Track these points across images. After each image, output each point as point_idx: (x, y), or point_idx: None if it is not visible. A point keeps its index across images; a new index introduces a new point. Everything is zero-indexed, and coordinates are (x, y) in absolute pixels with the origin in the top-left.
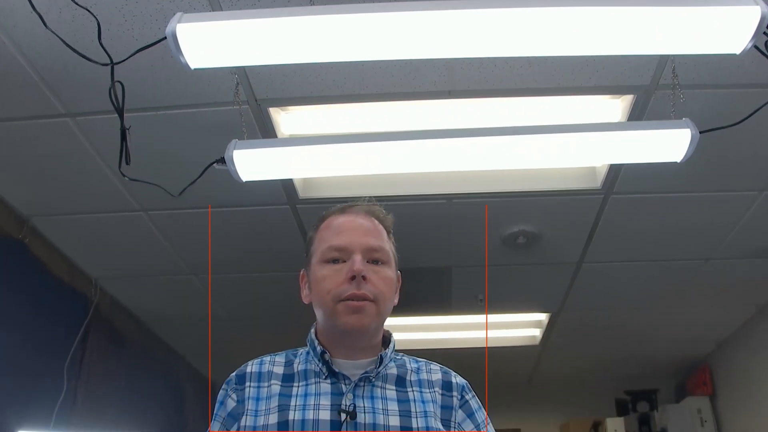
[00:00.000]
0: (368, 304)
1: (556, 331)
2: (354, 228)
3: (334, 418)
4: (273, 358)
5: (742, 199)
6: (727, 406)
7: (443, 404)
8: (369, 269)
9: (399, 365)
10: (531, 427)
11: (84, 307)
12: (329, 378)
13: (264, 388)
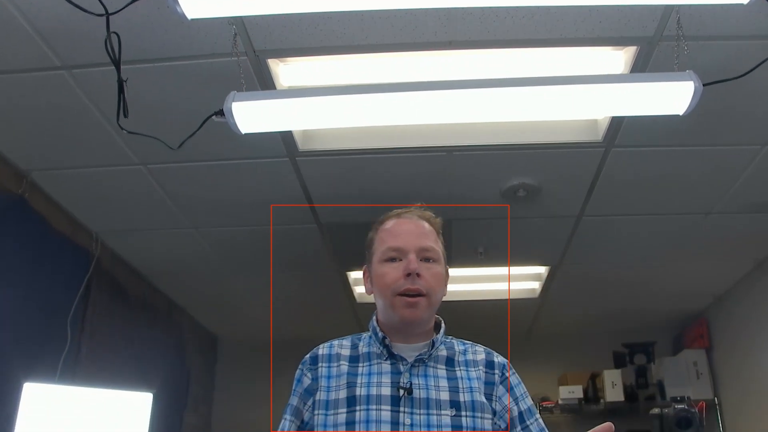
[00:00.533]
0: (421, 299)
1: (555, 284)
2: (409, 231)
3: (394, 394)
4: (340, 341)
5: (744, 153)
6: (723, 359)
7: (486, 381)
8: (422, 267)
9: (448, 347)
10: (529, 378)
11: (85, 262)
12: (389, 359)
13: (334, 368)
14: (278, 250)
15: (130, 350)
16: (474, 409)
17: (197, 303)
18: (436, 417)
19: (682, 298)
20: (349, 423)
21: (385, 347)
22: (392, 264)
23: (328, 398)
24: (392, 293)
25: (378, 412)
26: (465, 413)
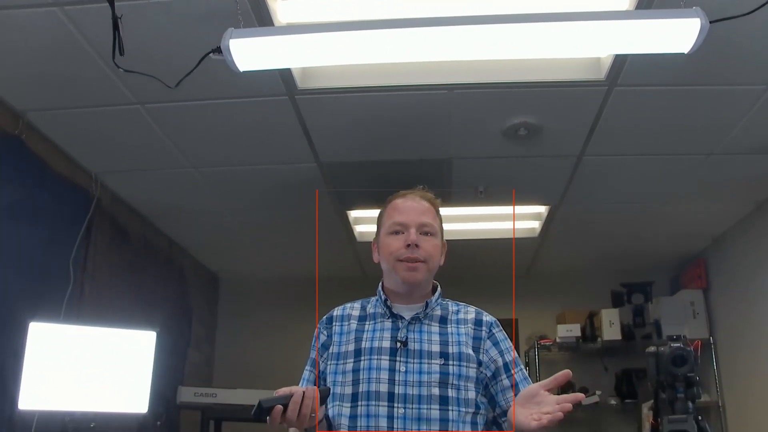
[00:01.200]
0: (420, 264)
1: (555, 223)
2: (411, 208)
3: (392, 346)
4: (353, 304)
5: (748, 93)
6: (720, 299)
7: (474, 336)
8: (421, 239)
9: (443, 308)
10: (528, 316)
11: (85, 202)
12: (390, 318)
13: (345, 326)
14: (278, 190)
15: (132, 290)
16: (460, 359)
17: (198, 242)
18: (427, 365)
19: (681, 238)
20: (355, 370)
21: (387, 308)
22: (396, 236)
23: (339, 351)
24: (394, 259)
25: (378, 361)
26: (452, 362)
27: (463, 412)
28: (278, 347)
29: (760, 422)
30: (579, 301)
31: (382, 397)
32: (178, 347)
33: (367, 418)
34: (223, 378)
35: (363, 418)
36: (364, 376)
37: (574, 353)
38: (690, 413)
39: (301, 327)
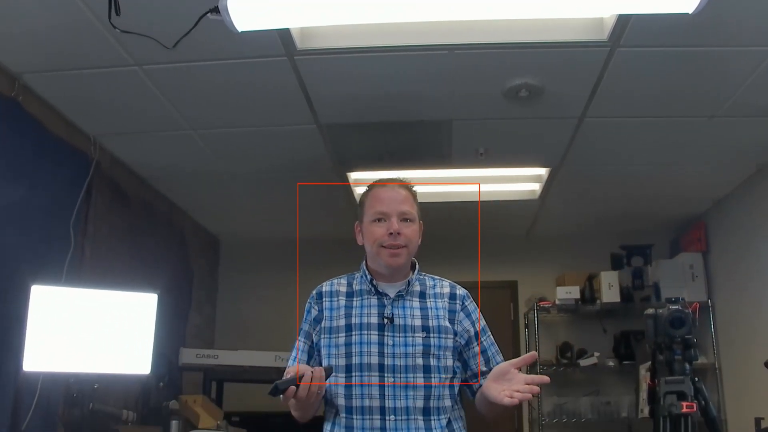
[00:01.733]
0: (402, 250)
1: (555, 185)
2: (392, 198)
3: (380, 322)
4: (339, 280)
5: (752, 54)
6: (719, 262)
7: (449, 309)
8: (402, 226)
9: (421, 283)
10: (527, 279)
11: (85, 165)
12: (376, 295)
13: (335, 302)
14: (278, 151)
15: (133, 252)
16: (440, 332)
17: (198, 205)
18: (411, 338)
19: (682, 201)
20: (347, 344)
21: (373, 286)
22: (379, 224)
23: (331, 325)
24: (378, 245)
25: (368, 336)
26: (433, 335)
27: (444, 377)
28: (278, 309)
29: (755, 384)
30: (578, 263)
31: (373, 368)
32: (180, 309)
33: (361, 387)
34: (225, 340)
35: (357, 387)
36: (356, 350)
37: (573, 315)
38: (687, 374)
39: (302, 288)
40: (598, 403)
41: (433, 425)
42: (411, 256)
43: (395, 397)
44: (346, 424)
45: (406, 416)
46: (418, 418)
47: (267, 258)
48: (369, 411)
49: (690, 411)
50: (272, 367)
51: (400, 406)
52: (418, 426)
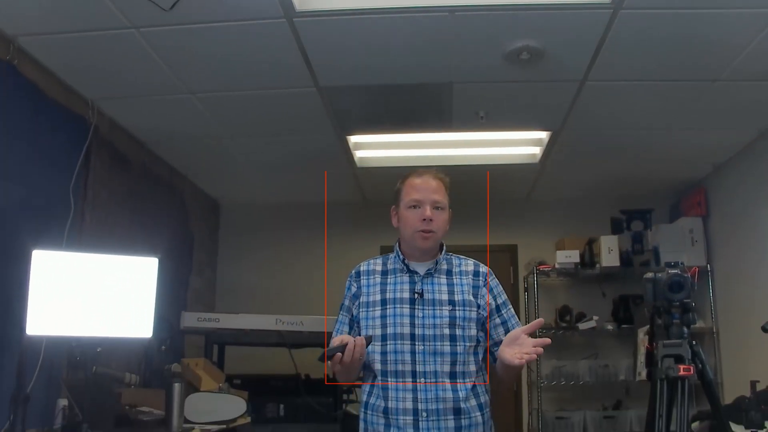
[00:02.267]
0: (433, 234)
1: (556, 149)
2: (426, 188)
3: (411, 296)
4: (375, 260)
5: (756, 17)
6: (719, 227)
7: (473, 285)
8: (434, 214)
9: (448, 262)
10: (527, 243)
11: (83, 129)
12: (407, 273)
13: (371, 279)
14: (277, 115)
15: (133, 217)
16: (464, 305)
17: (198, 169)
18: (439, 311)
19: (682, 165)
20: (382, 317)
21: (405, 265)
22: (414, 210)
23: (368, 300)
24: (413, 230)
25: (401, 309)
26: (458, 308)
27: (468, 345)
28: (279, 272)
29: (752, 347)
30: (578, 227)
31: (405, 337)
32: (180, 273)
33: (395, 354)
34: (226, 303)
35: (391, 354)
36: (390, 321)
37: (572, 279)
38: (684, 338)
39: (301, 251)
40: (596, 366)
41: (459, 387)
42: (439, 240)
43: (425, 363)
44: (383, 386)
45: (435, 379)
46: (445, 381)
47: (266, 222)
48: (402, 374)
49: (687, 374)
50: (273, 330)
51: (430, 370)
52: (446, 388)
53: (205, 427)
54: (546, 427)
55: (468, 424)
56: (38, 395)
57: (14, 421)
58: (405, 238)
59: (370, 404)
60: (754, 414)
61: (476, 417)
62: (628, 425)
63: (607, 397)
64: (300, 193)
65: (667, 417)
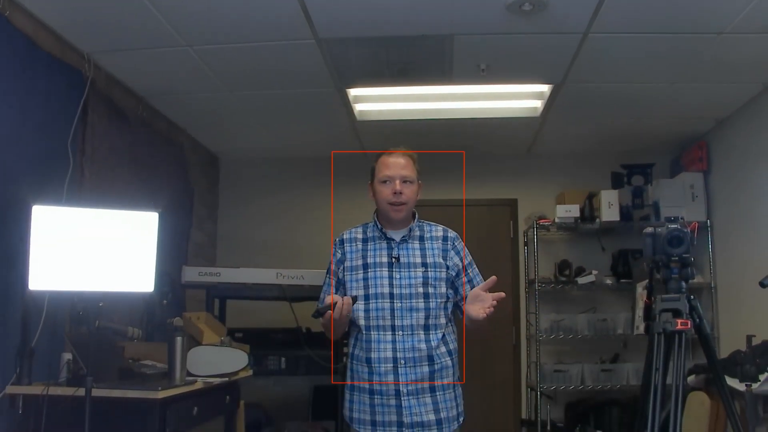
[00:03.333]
0: (403, 206)
1: (557, 102)
2: (396, 164)
3: (389, 261)
4: (356, 229)
5: None
6: (720, 182)
7: (442, 248)
8: (403, 187)
9: (420, 229)
10: (527, 197)
11: (79, 83)
12: (385, 240)
13: (354, 246)
14: (276, 67)
15: (132, 171)
16: (435, 267)
17: (197, 123)
18: (414, 272)
19: (685, 120)
20: (365, 279)
21: (383, 233)
22: (385, 185)
23: (352, 264)
24: (386, 202)
25: (381, 272)
26: (430, 269)
27: (439, 302)
28: (279, 226)
29: (748, 302)
30: (579, 181)
31: (385, 296)
32: (181, 228)
33: (377, 311)
34: (226, 257)
35: (374, 311)
36: (371, 283)
37: (572, 233)
38: (683, 293)
39: (301, 205)
40: (594, 319)
41: (431, 337)
42: (410, 210)
43: (402, 318)
44: (366, 338)
45: (411, 331)
46: (419, 333)
47: (266, 175)
48: (383, 328)
49: (684, 328)
50: (274, 284)
51: (406, 323)
52: (420, 338)
53: (207, 379)
54: (544, 379)
55: (440, 368)
56: (42, 349)
57: (20, 374)
58: (380, 209)
59: (356, 355)
60: (749, 367)
61: (446, 361)
62: (625, 378)
63: (605, 351)
64: (299, 147)
65: (664, 370)
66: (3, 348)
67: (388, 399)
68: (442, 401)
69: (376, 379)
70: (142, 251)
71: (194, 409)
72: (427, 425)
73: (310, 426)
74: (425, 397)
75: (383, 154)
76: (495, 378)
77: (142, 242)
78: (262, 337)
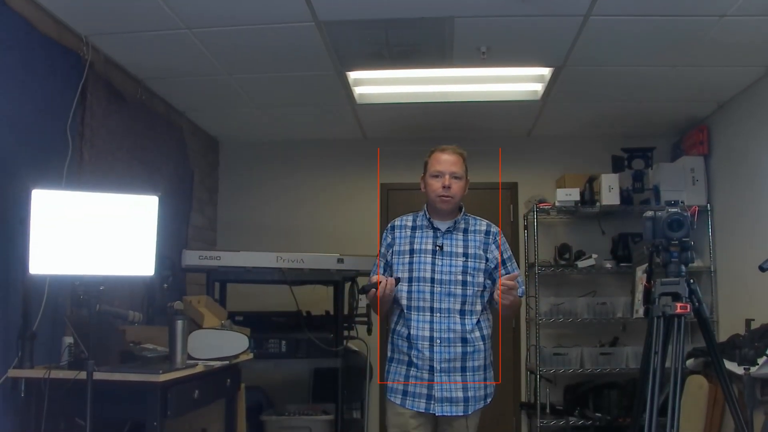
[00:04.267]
0: (451, 199)
1: (558, 86)
2: (447, 160)
3: (433, 248)
4: (407, 217)
5: None
6: (720, 166)
7: (484, 242)
8: (452, 182)
9: (465, 222)
10: (528, 180)
11: (78, 66)
12: (432, 229)
13: (403, 232)
14: (275, 50)
15: (132, 155)
16: (475, 258)
17: (196, 106)
18: (455, 261)
19: (686, 104)
20: (410, 263)
21: (430, 223)
22: (436, 179)
23: (400, 249)
24: (436, 195)
25: (425, 258)
26: (470, 260)
27: (476, 290)
28: (279, 209)
29: (748, 286)
30: (579, 165)
31: (427, 280)
32: (181, 211)
33: (418, 293)
34: (227, 241)
35: (415, 293)
36: (416, 267)
37: (572, 217)
38: (682, 276)
39: (301, 188)
40: (593, 303)
41: (466, 321)
42: (458, 204)
43: (441, 300)
44: (407, 317)
45: (448, 314)
46: (455, 316)
47: (266, 159)
48: (423, 309)
49: (683, 312)
50: (274, 267)
51: (444, 306)
52: (456, 321)
53: (208, 363)
54: (544, 362)
55: (472, 351)
56: (44, 333)
57: (22, 357)
58: (429, 200)
59: (397, 331)
60: (747, 351)
61: (479, 345)
62: (624, 361)
63: (604, 334)
64: (299, 130)
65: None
66: (5, 331)
67: (422, 373)
68: (472, 380)
69: (414, 353)
70: (142, 235)
71: (195, 392)
72: (455, 401)
73: (310, 408)
74: (456, 375)
75: (436, 150)
76: (496, 360)
77: (142, 226)
78: (262, 321)
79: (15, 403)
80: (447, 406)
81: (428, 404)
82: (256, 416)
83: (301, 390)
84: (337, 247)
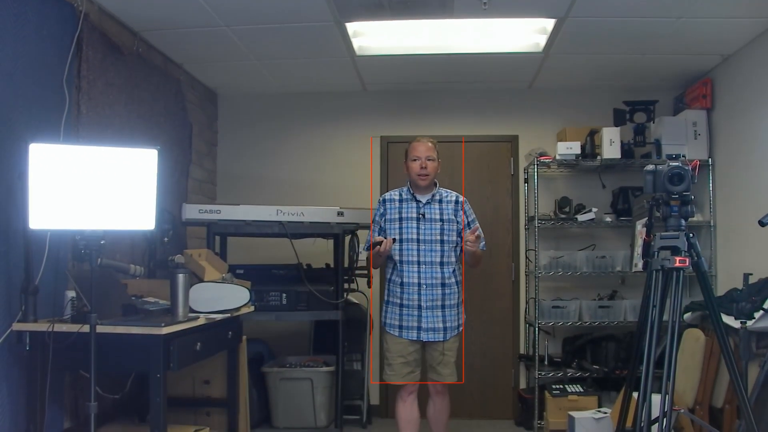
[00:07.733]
0: (428, 176)
1: (560, 38)
2: (422, 147)
3: (417, 216)
4: (394, 192)
5: None
6: (723, 120)
7: (455, 209)
8: (428, 164)
9: (440, 194)
10: (529, 133)
11: (72, 18)
12: (415, 201)
13: (393, 204)
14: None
15: (130, 107)
16: (449, 222)
17: (194, 58)
18: (434, 225)
19: (689, 56)
20: (400, 228)
21: (413, 196)
22: (414, 162)
23: (391, 217)
24: (415, 174)
25: (411, 224)
26: (445, 224)
27: (450, 246)
28: (279, 162)
29: (747, 241)
30: (580, 118)
31: (413, 240)
32: (180, 164)
33: (407, 251)
34: (227, 194)
35: (405, 251)
36: (405, 231)
37: (572, 170)
38: (682, 230)
39: (301, 141)
40: (593, 256)
41: (444, 271)
42: (433, 180)
43: (425, 256)
44: (399, 269)
45: (431, 266)
46: (436, 266)
47: (266, 111)
48: (411, 263)
49: (682, 265)
50: (274, 221)
51: (427, 260)
52: (437, 271)
53: (210, 315)
54: (542, 315)
55: (449, 292)
56: (46, 287)
57: (26, 311)
58: (411, 179)
59: (392, 280)
60: (744, 305)
61: (454, 288)
62: (622, 315)
63: (603, 287)
64: (298, 83)
65: (661, 307)
66: (8, 286)
67: (412, 311)
68: (449, 315)
69: (405, 296)
70: (142, 189)
71: (197, 345)
72: (437, 330)
73: (311, 359)
74: (437, 311)
75: (414, 141)
76: (494, 313)
77: (141, 180)
78: (263, 274)
79: (20, 356)
80: (432, 334)
81: (418, 333)
82: (257, 368)
83: (302, 342)
84: (337, 200)
